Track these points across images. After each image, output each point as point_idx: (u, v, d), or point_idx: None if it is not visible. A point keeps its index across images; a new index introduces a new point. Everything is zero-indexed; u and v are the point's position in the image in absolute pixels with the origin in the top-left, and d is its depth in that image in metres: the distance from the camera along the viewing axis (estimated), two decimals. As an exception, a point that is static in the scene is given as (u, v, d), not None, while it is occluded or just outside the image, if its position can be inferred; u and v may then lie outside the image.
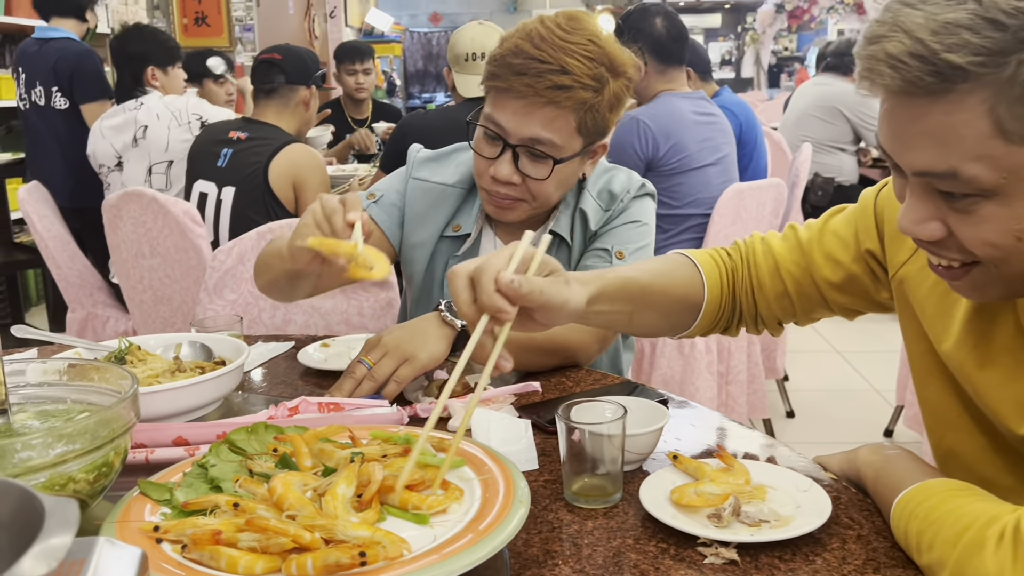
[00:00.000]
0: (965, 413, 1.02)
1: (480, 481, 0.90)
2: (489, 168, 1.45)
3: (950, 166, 0.77)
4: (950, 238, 0.83)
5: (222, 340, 1.28)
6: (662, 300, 1.17)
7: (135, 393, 0.86)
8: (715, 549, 0.88)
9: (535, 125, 1.39)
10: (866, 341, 4.52)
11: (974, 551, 0.75)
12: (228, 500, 0.83)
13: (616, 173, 1.62)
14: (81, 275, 3.21)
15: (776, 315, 1.22)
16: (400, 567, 0.75)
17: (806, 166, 3.59)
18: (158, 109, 3.21)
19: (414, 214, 1.62)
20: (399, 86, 11.00)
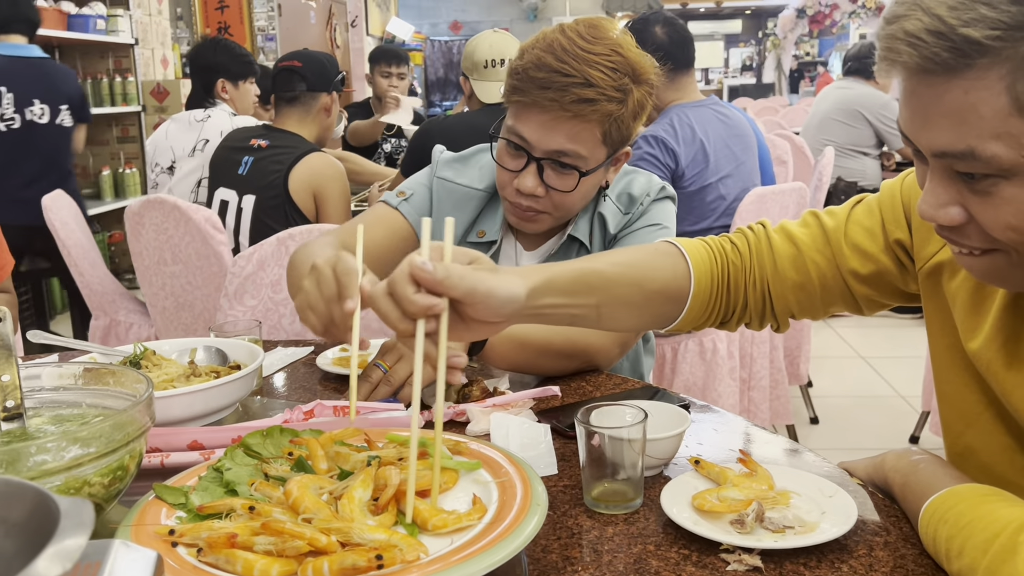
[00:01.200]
0: (987, 411, 0.99)
1: (497, 484, 0.88)
2: (513, 180, 1.44)
3: (968, 145, 0.75)
4: (970, 223, 0.81)
5: (238, 345, 1.27)
6: (634, 293, 1.09)
7: (150, 397, 0.86)
8: (738, 556, 0.86)
9: (560, 138, 1.38)
10: (891, 346, 4.47)
11: (1006, 556, 0.72)
12: (244, 503, 0.82)
13: (636, 176, 1.60)
14: (103, 282, 3.23)
15: (791, 307, 1.16)
16: (417, 570, 0.73)
17: (829, 169, 3.55)
18: (222, 126, 3.26)
19: (440, 214, 1.60)
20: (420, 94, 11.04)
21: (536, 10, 13.12)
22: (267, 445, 0.93)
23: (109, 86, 5.74)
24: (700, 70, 16.44)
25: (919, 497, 0.88)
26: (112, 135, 6.08)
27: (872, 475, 1.02)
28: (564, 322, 1.05)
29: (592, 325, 1.08)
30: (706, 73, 16.73)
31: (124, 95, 5.81)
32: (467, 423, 1.21)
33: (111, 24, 5.53)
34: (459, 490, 0.90)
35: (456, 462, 0.93)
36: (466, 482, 0.91)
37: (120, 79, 5.79)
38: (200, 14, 6.95)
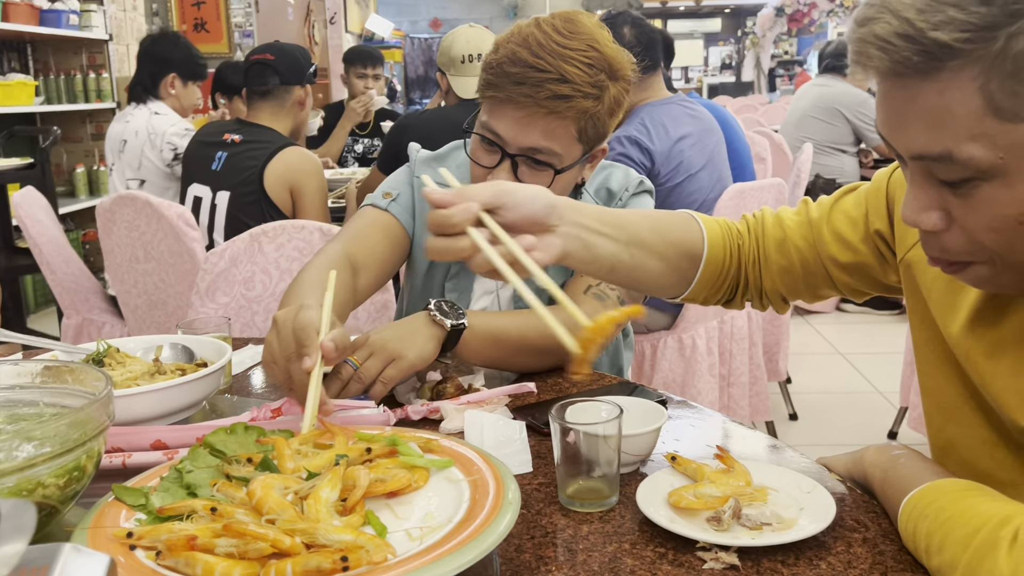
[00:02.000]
0: (967, 404, 0.98)
1: (469, 482, 0.86)
2: (487, 176, 1.41)
3: (945, 148, 0.74)
4: (952, 229, 0.80)
5: (205, 342, 1.24)
6: (656, 240, 1.09)
7: (109, 395, 0.83)
8: (715, 553, 0.84)
9: (535, 135, 1.35)
10: (870, 343, 4.48)
11: (987, 552, 0.71)
12: (205, 505, 0.79)
13: (613, 171, 1.58)
14: (77, 280, 3.18)
15: (780, 290, 1.18)
16: (384, 572, 0.71)
17: (807, 166, 3.56)
18: (139, 126, 3.22)
19: (421, 214, 1.58)
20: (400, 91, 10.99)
21: (516, 7, 13.09)
22: (231, 443, 0.90)
23: (83, 82, 5.68)
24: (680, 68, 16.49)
25: (899, 492, 0.87)
26: (86, 132, 6.01)
27: (851, 470, 1.00)
28: (606, 257, 1.05)
29: (626, 270, 1.08)
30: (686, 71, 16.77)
31: (98, 91, 5.74)
32: (441, 420, 1.19)
33: (84, 19, 5.46)
34: (430, 489, 0.88)
35: (427, 460, 0.90)
36: (437, 480, 0.89)
37: (94, 75, 5.72)
38: (176, 10, 6.88)
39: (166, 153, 3.16)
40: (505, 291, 1.56)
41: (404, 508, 0.84)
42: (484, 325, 1.33)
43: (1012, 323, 0.90)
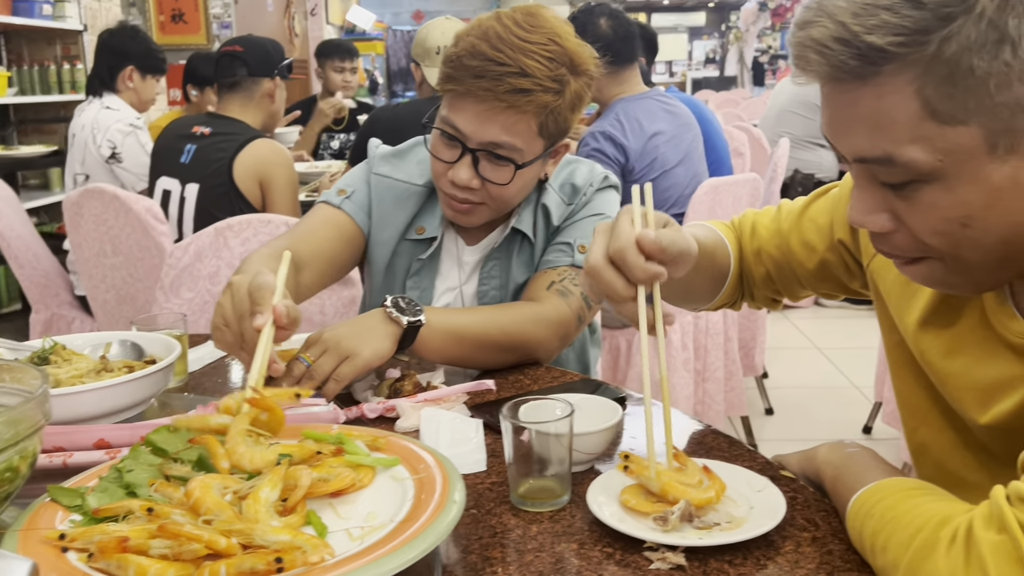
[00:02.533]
0: (935, 407, 0.98)
1: (415, 481, 0.85)
2: (447, 172, 1.39)
3: (885, 151, 0.74)
4: (900, 230, 0.80)
5: (156, 339, 1.22)
6: (708, 263, 1.15)
7: (45, 393, 0.81)
8: (662, 554, 0.83)
9: (495, 129, 1.34)
10: (846, 338, 4.50)
11: (927, 553, 0.70)
12: (142, 505, 0.77)
13: (578, 166, 1.57)
14: (47, 275, 3.14)
15: (766, 294, 1.23)
16: (321, 572, 0.70)
17: (784, 161, 3.56)
18: (86, 120, 3.18)
19: (380, 211, 1.55)
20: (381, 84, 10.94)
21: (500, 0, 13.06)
22: (174, 442, 0.88)
23: (56, 73, 5.60)
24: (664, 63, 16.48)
25: (849, 490, 0.86)
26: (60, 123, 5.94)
27: (805, 468, 0.99)
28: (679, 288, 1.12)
29: (680, 291, 1.16)
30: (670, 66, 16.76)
31: (72, 83, 5.67)
32: (397, 419, 1.17)
33: (58, 9, 5.39)
34: (375, 488, 0.86)
35: (373, 459, 0.89)
36: (383, 479, 0.87)
37: (68, 66, 5.65)
38: (153, 0, 6.80)
39: (104, 149, 3.13)
40: (468, 287, 1.55)
41: (347, 508, 0.83)
42: (443, 322, 1.31)
43: (965, 323, 0.90)
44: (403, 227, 1.55)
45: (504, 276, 1.53)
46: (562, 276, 1.44)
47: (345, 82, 4.61)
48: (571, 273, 1.45)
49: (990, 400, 0.87)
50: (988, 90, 0.70)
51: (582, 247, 1.48)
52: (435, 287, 1.55)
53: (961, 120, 0.71)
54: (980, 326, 0.88)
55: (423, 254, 1.54)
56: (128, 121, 3.16)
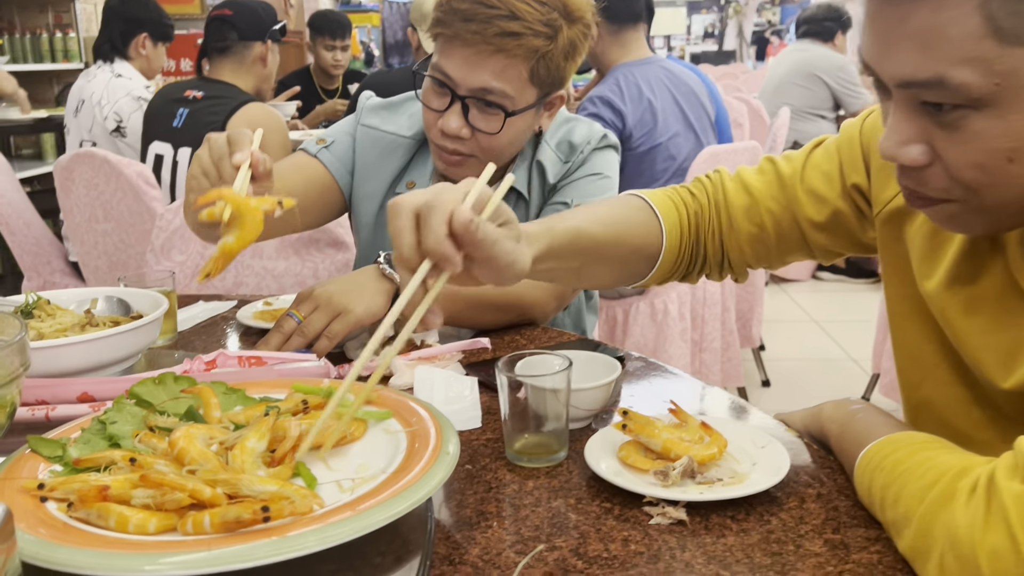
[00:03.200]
0: (944, 362, 0.95)
1: (407, 434, 0.82)
2: (438, 121, 1.36)
3: (936, 72, 0.68)
4: (933, 165, 0.74)
5: (143, 295, 1.19)
6: (615, 252, 1.07)
7: (23, 341, 0.78)
8: (662, 509, 0.81)
9: (485, 74, 1.30)
10: (844, 310, 4.48)
11: (943, 503, 0.68)
12: (124, 455, 0.75)
13: (576, 124, 1.53)
14: (38, 243, 3.10)
15: (747, 259, 1.13)
16: (308, 523, 0.67)
17: (784, 131, 3.52)
18: (96, 88, 3.13)
19: (363, 164, 1.53)
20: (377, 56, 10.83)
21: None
22: (159, 394, 0.86)
23: (49, 42, 5.54)
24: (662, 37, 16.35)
25: (856, 446, 0.83)
26: (52, 93, 5.88)
27: (809, 425, 0.97)
28: (546, 280, 1.03)
29: (570, 284, 1.07)
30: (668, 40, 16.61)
31: (65, 51, 5.61)
32: (390, 376, 1.14)
33: (50, -24, 5.31)
34: (367, 441, 0.84)
35: (365, 412, 0.86)
36: (375, 432, 0.85)
37: (60, 34, 5.58)
38: (146, -31, 6.71)
39: (109, 121, 3.08)
40: None
41: (338, 460, 0.80)
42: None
43: (989, 280, 0.86)
44: (390, 180, 1.52)
45: None
46: None
47: (335, 60, 4.54)
48: None
49: (1012, 362, 0.84)
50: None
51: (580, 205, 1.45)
52: None
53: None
54: (1005, 285, 0.85)
55: None
56: (138, 93, 3.12)
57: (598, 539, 0.77)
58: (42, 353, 0.95)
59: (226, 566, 0.62)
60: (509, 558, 0.74)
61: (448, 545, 0.77)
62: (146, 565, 0.62)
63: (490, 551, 0.76)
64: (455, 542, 0.77)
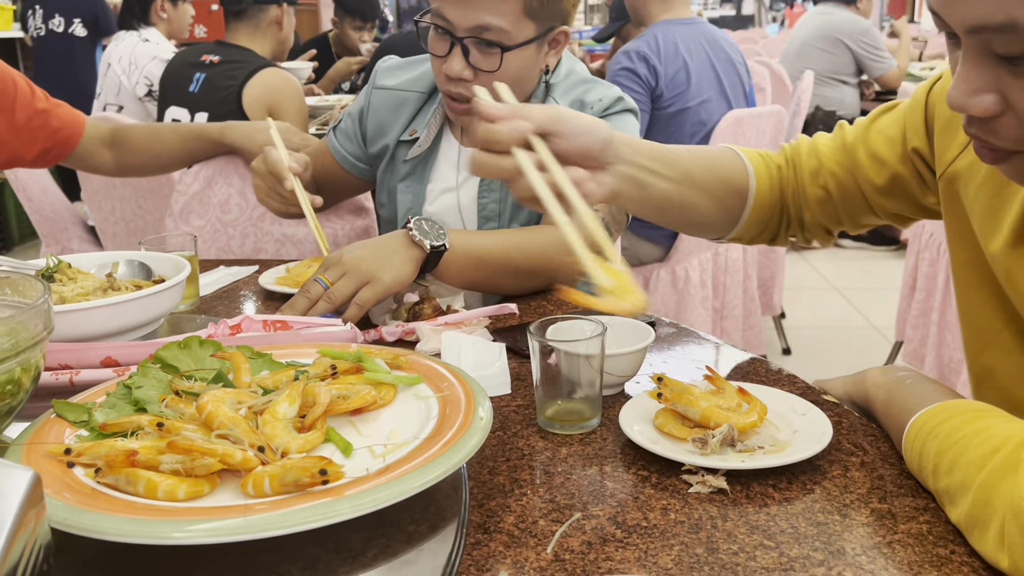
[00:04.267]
0: (1007, 329, 0.92)
1: (438, 399, 0.80)
2: (442, 68, 1.37)
3: (1009, 15, 0.64)
4: (1005, 116, 0.70)
5: (165, 259, 1.17)
6: (706, 177, 1.05)
7: (47, 303, 0.76)
8: (701, 477, 0.78)
9: (480, 12, 1.31)
10: (866, 278, 4.43)
11: (1006, 472, 0.65)
12: (151, 420, 0.73)
13: (593, 86, 1.49)
14: (55, 209, 3.09)
15: (821, 222, 1.13)
16: (341, 491, 0.65)
17: (807, 95, 3.46)
18: (123, 52, 3.13)
19: (376, 123, 1.56)
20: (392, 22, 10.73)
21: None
22: (184, 358, 0.84)
23: (63, 7, 5.48)
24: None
25: (905, 412, 0.80)
26: (68, 60, 5.83)
27: (851, 392, 0.94)
28: (656, 198, 1.01)
29: (675, 210, 1.04)
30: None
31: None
32: (417, 342, 1.12)
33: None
34: (397, 406, 0.82)
35: (394, 376, 0.84)
36: (405, 397, 0.83)
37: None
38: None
39: (140, 87, 3.07)
40: (465, 190, 1.50)
41: (368, 426, 0.78)
42: (466, 245, 1.26)
43: None
44: (399, 132, 1.54)
45: (504, 190, 1.49)
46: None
47: (362, 41, 4.48)
48: None
49: None
50: None
51: None
52: (427, 189, 1.52)
53: None
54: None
55: (407, 155, 1.52)
56: (165, 56, 3.11)
57: (636, 508, 0.75)
58: (64, 317, 0.94)
59: (259, 534, 0.60)
60: (545, 527, 0.72)
61: (482, 513, 0.75)
62: (175, 532, 0.61)
63: (525, 519, 0.74)
64: (489, 510, 0.75)
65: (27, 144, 1.58)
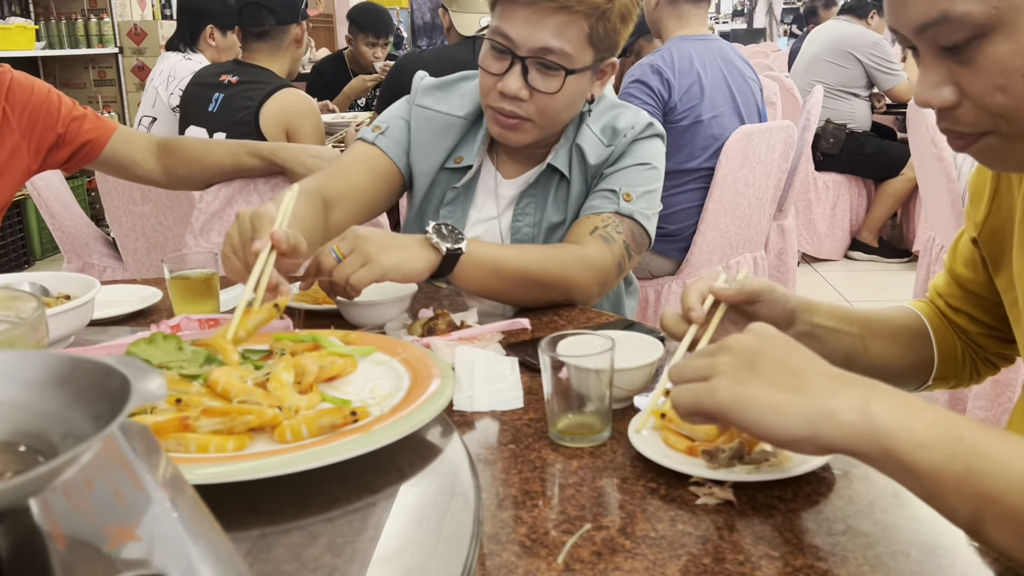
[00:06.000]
0: None
1: (400, 360, 0.92)
2: (497, 84, 1.39)
3: (940, 9, 0.75)
4: (963, 104, 0.80)
5: (68, 278, 1.21)
6: (885, 327, 1.13)
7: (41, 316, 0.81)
8: (709, 489, 0.81)
9: (546, 34, 1.34)
10: (876, 290, 4.43)
11: None
12: (169, 397, 0.79)
13: (623, 111, 1.53)
14: (76, 224, 3.15)
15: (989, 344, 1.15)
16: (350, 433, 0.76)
17: (817, 108, 3.48)
18: (164, 68, 3.22)
19: (419, 143, 1.55)
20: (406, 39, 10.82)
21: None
22: (153, 353, 0.89)
23: (84, 27, 5.59)
24: (691, 15, 16.14)
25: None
26: (89, 78, 5.94)
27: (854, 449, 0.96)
28: (839, 349, 1.09)
29: (862, 359, 1.11)
30: (697, 18, 16.42)
31: (100, 36, 5.66)
32: (429, 356, 1.15)
33: (84, -39, 5.36)
34: (362, 372, 0.93)
35: (352, 349, 0.95)
36: (366, 364, 0.94)
37: (95, 20, 5.64)
38: (177, -47, 6.74)
39: (174, 98, 3.14)
40: (504, 218, 1.53)
41: (348, 388, 0.90)
42: (483, 253, 1.28)
43: None
44: (443, 157, 1.54)
45: (538, 214, 1.51)
46: (606, 223, 1.42)
47: (376, 57, 4.54)
48: (615, 220, 1.42)
49: None
50: None
51: (627, 195, 1.45)
52: (468, 216, 1.54)
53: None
54: None
55: (458, 182, 1.53)
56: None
57: (644, 519, 0.77)
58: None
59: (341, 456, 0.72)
60: (556, 537, 0.75)
61: (495, 524, 0.77)
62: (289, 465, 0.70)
63: (537, 530, 0.76)
64: (502, 521, 0.78)
65: (60, 150, 1.66)
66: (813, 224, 4.79)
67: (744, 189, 2.78)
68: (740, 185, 2.76)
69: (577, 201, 1.50)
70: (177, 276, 1.29)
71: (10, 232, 5.00)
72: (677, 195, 2.73)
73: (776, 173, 2.91)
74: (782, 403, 0.69)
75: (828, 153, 4.69)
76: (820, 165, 4.77)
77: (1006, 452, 0.62)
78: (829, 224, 4.84)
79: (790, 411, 0.68)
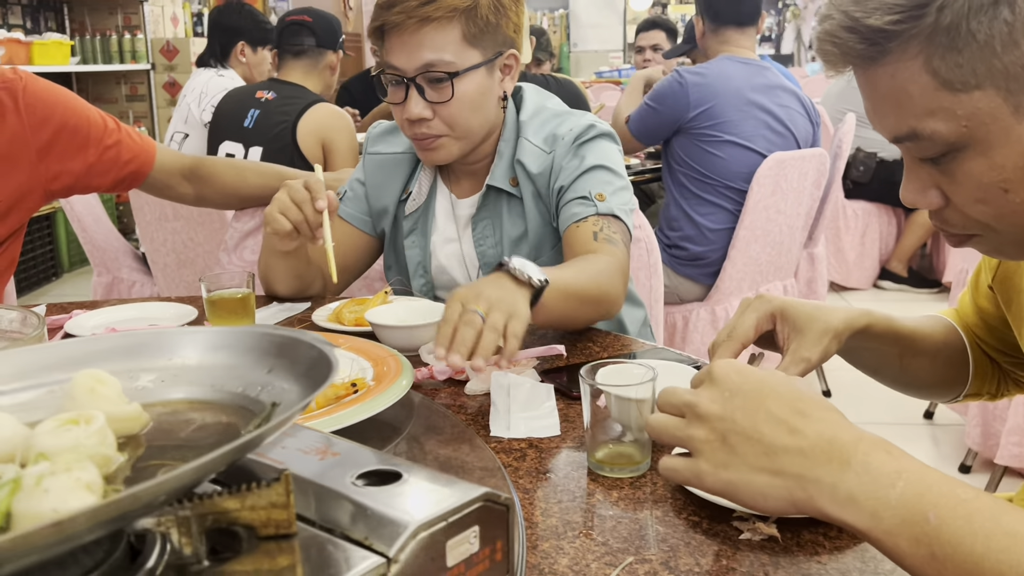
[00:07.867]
0: None
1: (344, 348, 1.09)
2: (403, 113, 1.42)
3: (910, 127, 0.75)
4: (949, 206, 0.79)
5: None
6: (927, 344, 1.12)
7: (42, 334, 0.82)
8: (752, 524, 0.80)
9: (422, 50, 1.37)
10: (907, 321, 4.39)
11: None
12: None
13: (566, 118, 1.52)
14: (107, 239, 3.18)
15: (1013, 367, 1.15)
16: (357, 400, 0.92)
17: (849, 137, 3.45)
18: (197, 84, 3.25)
19: (373, 187, 1.61)
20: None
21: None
22: None
23: (118, 43, 5.68)
24: (718, 40, 16.16)
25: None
26: (121, 93, 6.02)
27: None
28: (868, 360, 1.12)
29: (892, 367, 1.13)
30: (724, 44, 16.45)
31: (133, 52, 5.74)
32: (466, 381, 1.15)
33: (120, -21, 5.45)
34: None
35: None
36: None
37: (129, 36, 5.72)
38: (211, -28, 6.84)
39: (206, 114, 3.17)
40: (465, 239, 1.56)
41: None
42: (555, 277, 1.20)
43: None
44: (397, 194, 1.60)
45: (497, 233, 1.53)
46: (599, 225, 1.41)
47: None
48: (604, 221, 1.41)
49: None
50: (994, 51, 0.69)
51: (600, 195, 1.43)
52: (431, 240, 1.58)
53: (974, 85, 0.71)
54: None
55: (406, 213, 1.58)
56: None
57: (688, 553, 0.76)
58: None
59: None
60: (598, 569, 0.74)
61: (537, 555, 0.76)
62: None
63: (579, 562, 0.75)
64: (544, 552, 0.77)
65: (100, 176, 1.66)
66: (842, 252, 4.76)
67: (776, 216, 2.77)
68: (772, 212, 2.75)
69: (533, 210, 1.50)
70: (215, 295, 1.30)
71: (40, 244, 5.06)
72: (703, 206, 2.72)
73: (808, 201, 2.90)
74: (765, 486, 0.69)
75: (858, 181, 4.66)
76: (850, 193, 4.74)
77: (970, 536, 0.61)
78: (858, 253, 4.80)
79: (775, 494, 0.69)
